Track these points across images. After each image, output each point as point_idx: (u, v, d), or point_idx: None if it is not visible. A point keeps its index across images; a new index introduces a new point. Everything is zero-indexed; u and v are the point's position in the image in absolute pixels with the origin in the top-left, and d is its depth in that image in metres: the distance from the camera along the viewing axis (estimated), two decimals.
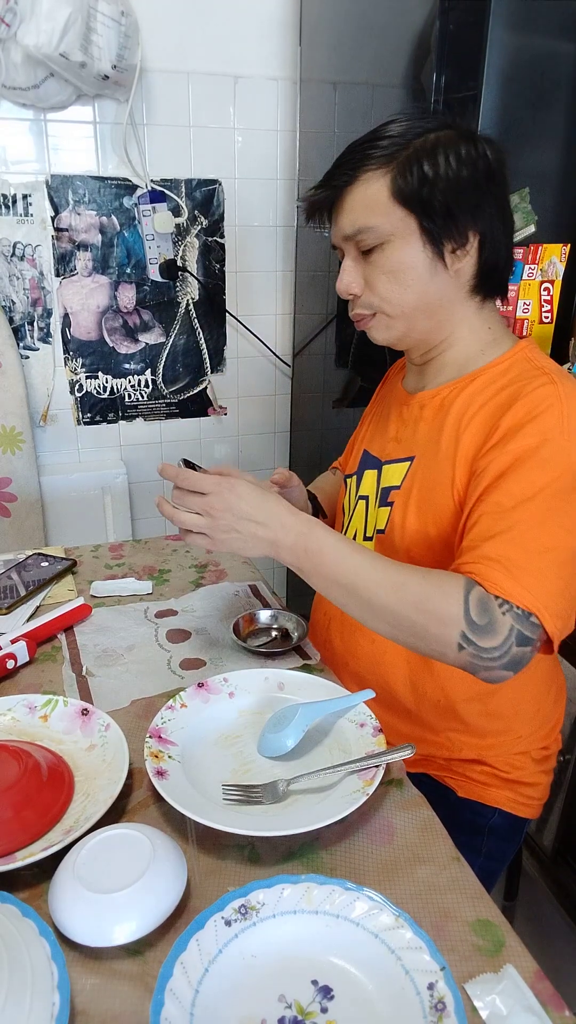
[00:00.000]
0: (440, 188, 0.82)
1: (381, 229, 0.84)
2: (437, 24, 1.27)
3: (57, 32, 1.50)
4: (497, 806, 0.98)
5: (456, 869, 0.66)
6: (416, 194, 0.82)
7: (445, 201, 0.82)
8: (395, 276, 0.87)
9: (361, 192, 0.85)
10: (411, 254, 0.85)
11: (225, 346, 2.12)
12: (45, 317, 1.91)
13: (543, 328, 1.45)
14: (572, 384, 0.83)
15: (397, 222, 0.84)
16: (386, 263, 0.86)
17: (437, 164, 0.82)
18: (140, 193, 1.87)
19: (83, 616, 1.06)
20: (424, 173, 0.82)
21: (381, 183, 0.84)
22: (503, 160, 0.86)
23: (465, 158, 0.82)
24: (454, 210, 0.82)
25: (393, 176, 0.83)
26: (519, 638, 0.74)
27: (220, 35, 1.82)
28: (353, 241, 0.87)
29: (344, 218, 0.87)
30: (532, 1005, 0.54)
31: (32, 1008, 0.51)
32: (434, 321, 0.90)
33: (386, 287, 0.88)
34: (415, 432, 0.95)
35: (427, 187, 0.82)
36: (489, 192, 0.84)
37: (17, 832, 0.66)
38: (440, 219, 0.83)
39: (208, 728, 0.82)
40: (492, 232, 0.85)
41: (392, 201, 0.83)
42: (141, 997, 0.55)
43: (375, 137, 0.85)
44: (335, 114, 1.77)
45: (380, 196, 0.84)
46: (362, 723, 0.81)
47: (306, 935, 0.58)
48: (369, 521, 1.00)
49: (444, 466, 0.88)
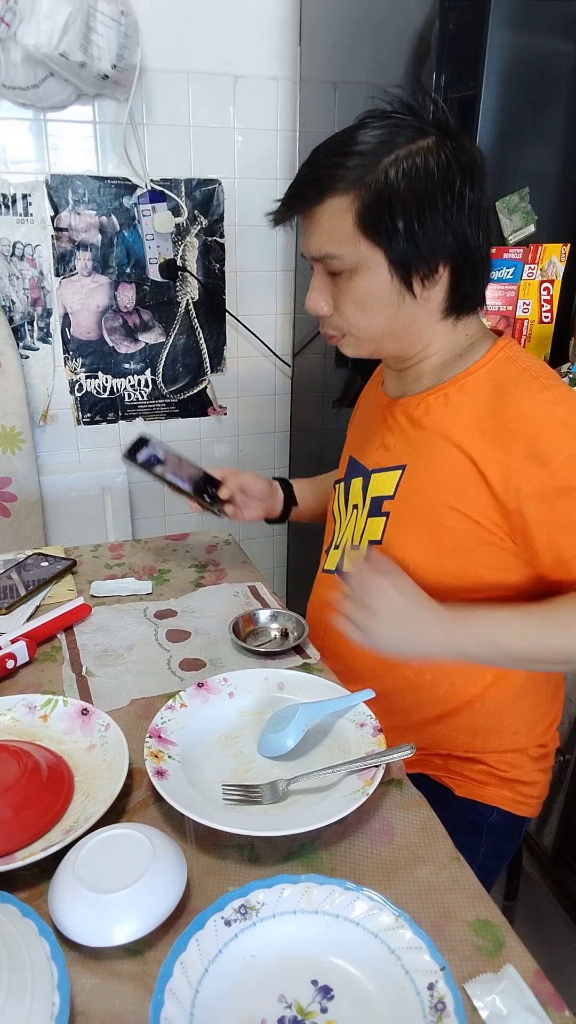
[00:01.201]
0: (404, 215, 0.78)
1: (347, 259, 0.82)
2: (437, 24, 1.27)
3: (57, 32, 1.50)
4: (495, 805, 0.98)
5: (456, 869, 0.66)
6: (383, 228, 0.79)
7: (409, 229, 0.78)
8: (362, 305, 0.84)
9: (327, 217, 0.81)
10: (378, 284, 0.82)
11: (225, 346, 2.11)
12: (45, 317, 1.91)
13: (543, 328, 1.45)
14: (558, 383, 0.83)
15: (364, 252, 0.81)
16: (353, 291, 0.84)
17: (399, 186, 0.77)
18: (140, 193, 1.86)
19: (83, 616, 1.06)
20: (388, 199, 0.77)
21: (347, 211, 0.80)
22: (482, 167, 0.81)
23: (432, 171, 0.78)
24: (419, 239, 0.79)
25: (359, 205, 0.79)
26: None
27: (220, 35, 1.82)
28: (321, 263, 0.85)
29: (311, 240, 0.84)
30: (532, 1005, 0.54)
31: (32, 1008, 0.51)
32: (405, 343, 0.89)
33: (353, 313, 0.86)
34: (403, 440, 0.94)
35: (390, 216, 0.78)
36: (460, 207, 0.79)
37: (17, 832, 0.66)
38: (406, 249, 0.80)
39: (208, 728, 0.82)
40: (464, 257, 0.82)
41: (357, 232, 0.80)
42: (141, 997, 0.55)
43: (342, 151, 0.80)
44: (335, 114, 1.77)
45: (345, 225, 0.80)
46: (362, 723, 0.81)
47: (306, 935, 0.58)
48: (357, 530, 0.99)
49: (443, 479, 0.87)
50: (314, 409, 2.15)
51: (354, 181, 0.79)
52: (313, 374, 2.10)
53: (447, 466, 0.86)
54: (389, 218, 0.78)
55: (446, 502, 0.86)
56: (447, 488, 0.86)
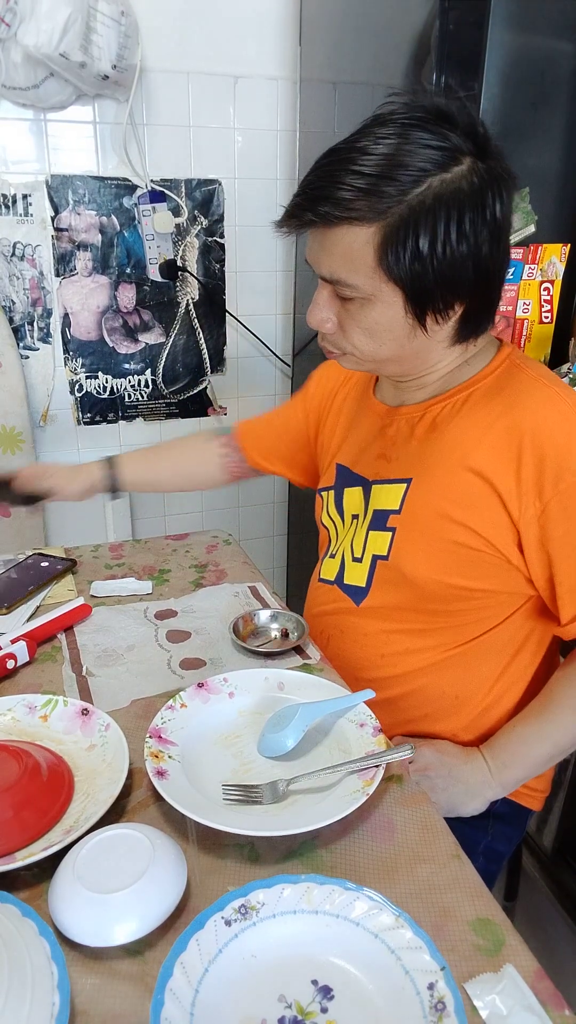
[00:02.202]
0: (432, 267, 0.73)
1: (362, 289, 0.77)
2: (437, 24, 1.27)
3: (57, 32, 1.50)
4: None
5: (456, 867, 0.66)
6: (404, 266, 0.73)
7: (435, 278, 0.74)
8: (371, 333, 0.80)
9: (344, 243, 0.75)
10: (390, 318, 0.78)
11: (225, 346, 2.11)
12: (45, 317, 1.91)
13: (543, 328, 1.45)
14: (569, 392, 0.83)
15: (380, 287, 0.76)
16: (363, 319, 0.79)
17: (434, 239, 0.72)
18: (140, 193, 1.86)
19: (83, 616, 1.06)
20: (417, 249, 0.72)
21: (367, 243, 0.74)
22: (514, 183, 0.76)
23: (468, 211, 0.72)
24: (442, 285, 0.75)
25: (382, 242, 0.73)
26: None
27: (220, 35, 1.82)
28: (329, 283, 0.80)
29: (322, 259, 0.78)
30: (532, 1004, 0.54)
31: (32, 1008, 0.51)
32: (408, 366, 0.87)
33: (360, 340, 0.82)
34: (406, 451, 0.92)
35: (418, 264, 0.73)
36: (490, 256, 0.75)
37: (17, 832, 0.66)
38: (429, 291, 0.75)
39: (208, 728, 0.82)
40: (482, 290, 0.78)
41: (378, 269, 0.74)
42: (141, 997, 0.55)
43: (365, 170, 0.72)
44: (335, 114, 1.77)
45: (365, 257, 0.74)
46: (362, 723, 0.81)
47: (306, 935, 0.58)
48: (358, 543, 0.97)
49: (452, 494, 0.86)
50: None
51: (379, 212, 0.72)
52: None
53: (457, 481, 0.85)
54: (414, 252, 0.73)
55: (455, 517, 0.85)
56: (457, 503, 0.85)
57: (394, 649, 0.96)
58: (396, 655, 0.96)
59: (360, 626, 0.98)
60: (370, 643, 0.98)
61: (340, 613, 1.01)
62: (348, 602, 0.99)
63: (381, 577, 0.94)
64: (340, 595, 1.00)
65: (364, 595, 0.97)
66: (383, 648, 0.97)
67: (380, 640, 0.97)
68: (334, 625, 1.02)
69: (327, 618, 1.03)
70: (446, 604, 0.90)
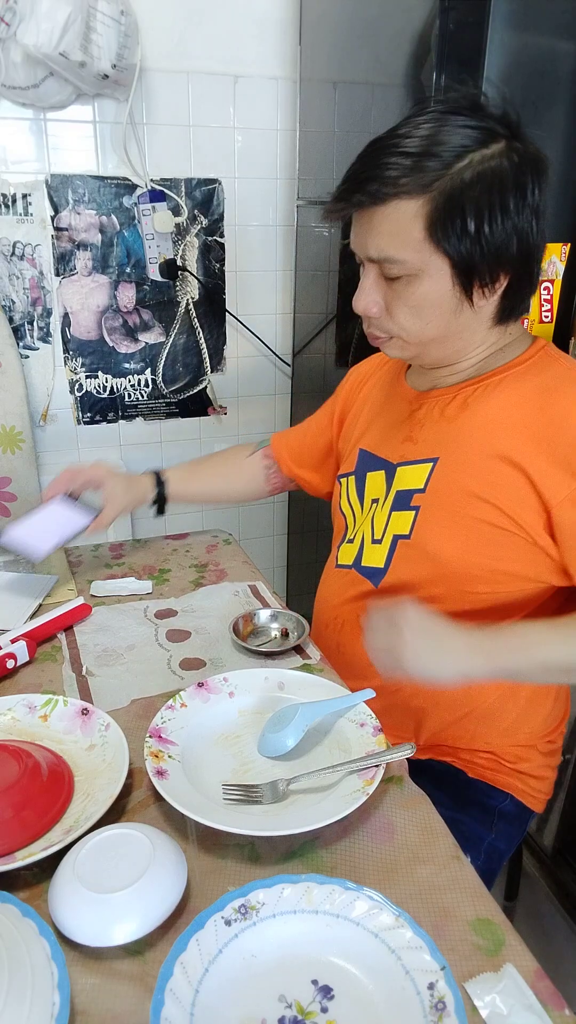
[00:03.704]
0: (481, 237, 0.77)
1: (411, 264, 0.80)
2: (437, 24, 1.27)
3: (57, 31, 1.50)
4: (508, 791, 0.99)
5: (456, 868, 0.66)
6: (453, 235, 0.77)
7: (482, 242, 0.78)
8: (418, 311, 0.83)
9: (391, 219, 0.79)
10: (438, 292, 0.81)
11: (225, 346, 2.11)
12: (45, 317, 1.91)
13: (543, 328, 1.45)
14: None
15: (428, 259, 0.79)
16: (411, 297, 0.82)
17: (480, 215, 0.76)
18: (140, 192, 1.86)
19: (83, 616, 1.06)
20: (464, 223, 0.76)
21: (415, 217, 0.77)
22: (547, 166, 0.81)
23: (511, 186, 0.77)
24: (489, 251, 0.78)
25: (430, 214, 0.77)
26: None
27: (220, 35, 1.82)
28: (376, 264, 0.83)
29: (369, 240, 0.81)
30: (532, 1004, 0.54)
31: (32, 1008, 0.51)
32: (451, 349, 0.88)
33: (407, 319, 0.84)
34: (434, 432, 0.92)
35: (466, 237, 0.77)
36: (530, 232, 0.80)
37: (17, 832, 0.66)
38: (475, 260, 0.79)
39: (208, 728, 0.82)
40: (525, 264, 0.82)
41: (427, 241, 0.78)
42: (141, 997, 0.55)
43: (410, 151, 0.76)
44: (335, 114, 1.77)
45: (413, 232, 0.78)
46: (362, 723, 0.81)
47: (306, 935, 0.58)
48: (378, 524, 0.98)
49: (478, 471, 0.86)
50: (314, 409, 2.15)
51: (425, 186, 0.76)
52: (313, 374, 2.10)
53: (485, 459, 0.86)
54: (461, 225, 0.77)
55: (482, 495, 0.86)
56: (484, 481, 0.86)
57: None
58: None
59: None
60: None
61: (359, 598, 1.00)
62: (366, 584, 0.98)
63: (401, 556, 0.94)
64: (358, 578, 1.00)
65: (383, 575, 0.96)
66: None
67: None
68: (351, 611, 1.01)
69: (344, 606, 1.02)
70: (468, 585, 0.89)
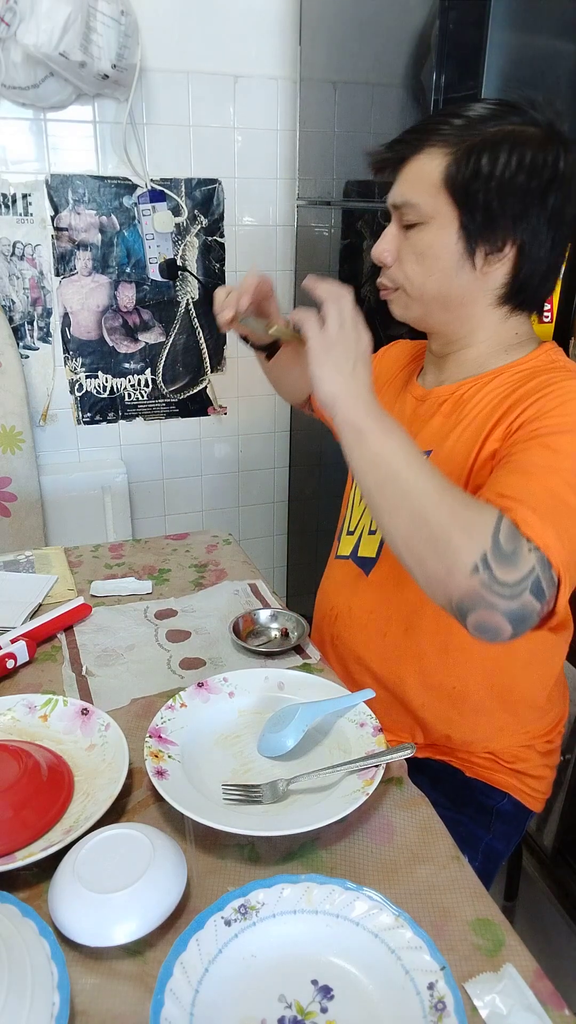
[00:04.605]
0: (489, 188, 0.80)
1: (423, 209, 0.84)
2: (437, 24, 1.27)
3: (57, 31, 1.50)
4: (506, 791, 0.99)
5: (456, 868, 0.66)
6: (464, 186, 0.81)
7: (489, 202, 0.81)
8: (422, 259, 0.86)
9: (419, 166, 0.84)
10: (443, 243, 0.84)
11: (225, 345, 2.11)
12: (45, 317, 1.91)
13: (543, 328, 1.44)
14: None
15: (440, 207, 0.83)
16: (419, 244, 0.86)
17: (495, 162, 0.80)
18: (140, 192, 1.86)
19: (83, 616, 1.06)
20: (479, 168, 0.80)
21: (438, 163, 0.82)
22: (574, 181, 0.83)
23: (528, 164, 0.80)
24: (496, 213, 0.81)
25: (451, 160, 0.81)
26: (535, 586, 0.68)
27: (220, 34, 1.82)
28: (399, 211, 0.87)
29: (398, 186, 0.87)
30: (532, 1004, 0.54)
31: (32, 1008, 0.51)
32: (451, 315, 0.90)
33: (412, 267, 0.88)
34: (428, 425, 0.94)
35: (477, 183, 0.80)
36: (542, 205, 0.81)
37: (17, 832, 0.66)
38: (480, 218, 0.82)
39: (208, 728, 0.82)
40: (534, 246, 0.83)
41: (441, 185, 0.82)
42: (141, 997, 0.55)
43: (455, 113, 0.83)
44: (335, 113, 1.77)
45: (432, 176, 0.83)
46: (362, 723, 0.81)
47: (306, 935, 0.58)
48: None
49: (461, 459, 0.87)
50: None
51: (453, 138, 0.81)
52: None
53: (472, 450, 0.87)
54: (473, 182, 0.80)
55: (470, 483, 0.87)
56: (471, 470, 0.86)
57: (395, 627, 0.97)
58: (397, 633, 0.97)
59: (367, 598, 0.99)
60: (374, 619, 0.99)
61: (353, 588, 1.02)
62: (361, 574, 1.01)
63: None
64: (354, 569, 1.02)
65: (372, 565, 0.99)
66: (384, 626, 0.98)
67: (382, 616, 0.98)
68: (344, 602, 1.03)
69: (340, 597, 1.04)
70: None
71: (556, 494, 0.72)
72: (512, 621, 0.69)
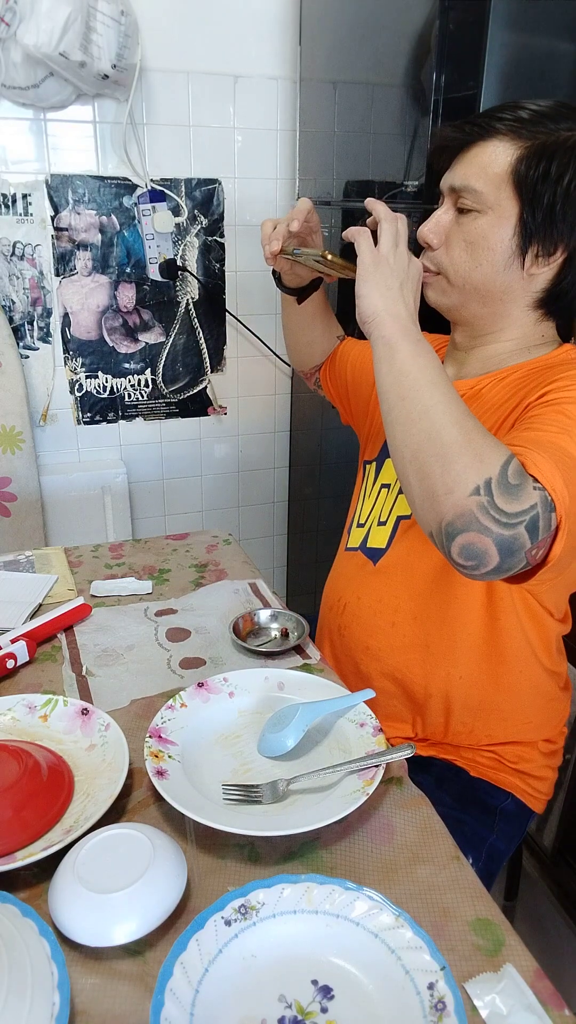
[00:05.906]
0: (556, 190, 0.81)
1: (484, 198, 0.84)
2: (437, 24, 1.27)
3: (57, 31, 1.50)
4: (509, 791, 0.99)
5: (456, 868, 0.66)
6: (532, 185, 0.81)
7: (553, 204, 0.81)
8: (472, 248, 0.86)
9: (486, 153, 0.84)
10: (498, 235, 0.84)
11: (225, 346, 2.11)
12: (45, 317, 1.91)
13: None
14: None
15: (502, 199, 0.83)
16: (472, 232, 0.86)
17: (566, 167, 0.80)
18: (140, 192, 1.86)
19: (83, 616, 1.06)
20: (549, 169, 0.80)
21: (507, 155, 0.82)
22: None
23: None
24: (557, 217, 0.82)
25: (521, 155, 0.82)
26: (532, 522, 0.67)
27: (220, 35, 1.82)
28: (456, 195, 0.87)
29: (460, 169, 0.86)
30: (532, 1004, 0.54)
31: (32, 1008, 0.51)
32: (487, 309, 0.90)
33: (459, 254, 0.87)
34: None
35: (546, 184, 0.81)
36: None
37: (17, 832, 0.66)
38: (541, 218, 0.82)
39: (208, 728, 0.82)
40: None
41: (508, 178, 0.82)
42: (141, 997, 0.55)
43: (528, 107, 0.83)
44: (335, 113, 1.77)
45: (499, 167, 0.83)
46: (362, 723, 0.81)
47: (306, 935, 0.58)
48: (386, 507, 1.01)
49: None
50: (314, 409, 2.15)
51: (526, 133, 0.82)
52: None
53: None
54: (542, 180, 0.81)
55: None
56: None
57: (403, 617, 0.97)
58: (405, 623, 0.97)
59: (375, 588, 1.00)
60: (383, 609, 0.99)
61: (360, 579, 1.03)
62: (368, 564, 1.02)
63: (402, 534, 0.97)
64: (362, 559, 1.03)
65: (382, 555, 1.00)
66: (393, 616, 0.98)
67: (391, 606, 0.98)
68: (352, 593, 1.04)
69: (347, 588, 1.05)
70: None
71: (568, 452, 0.73)
72: (501, 550, 0.67)
